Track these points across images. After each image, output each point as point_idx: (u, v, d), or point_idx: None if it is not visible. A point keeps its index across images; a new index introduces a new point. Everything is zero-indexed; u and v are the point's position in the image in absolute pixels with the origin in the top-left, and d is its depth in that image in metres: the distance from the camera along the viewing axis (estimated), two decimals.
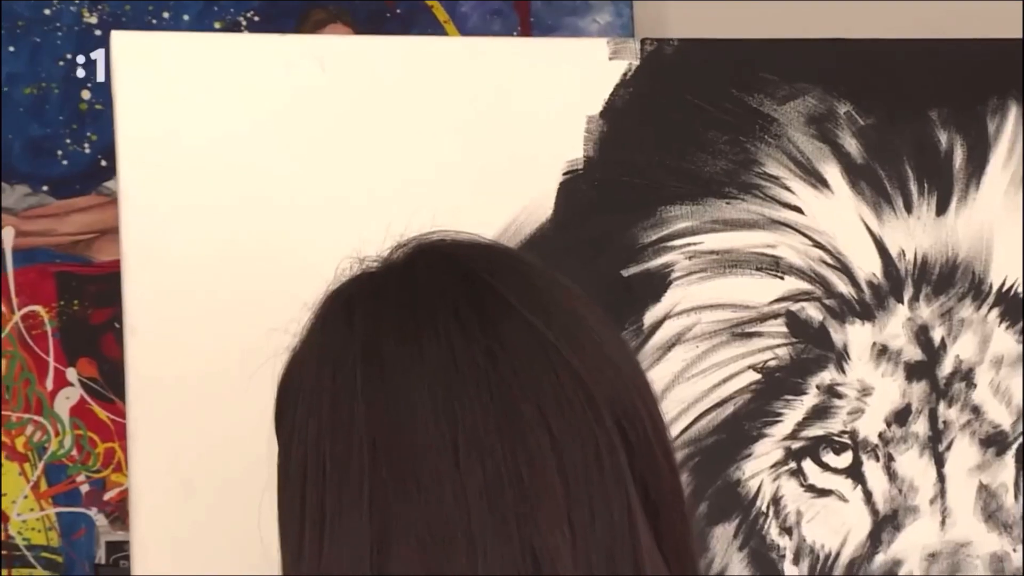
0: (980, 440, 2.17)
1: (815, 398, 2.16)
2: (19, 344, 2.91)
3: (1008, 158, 2.22)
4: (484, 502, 1.20)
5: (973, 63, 2.27)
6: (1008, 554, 2.16)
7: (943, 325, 2.19)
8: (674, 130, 2.21)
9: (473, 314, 1.29)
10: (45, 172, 2.97)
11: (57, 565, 2.89)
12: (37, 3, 2.97)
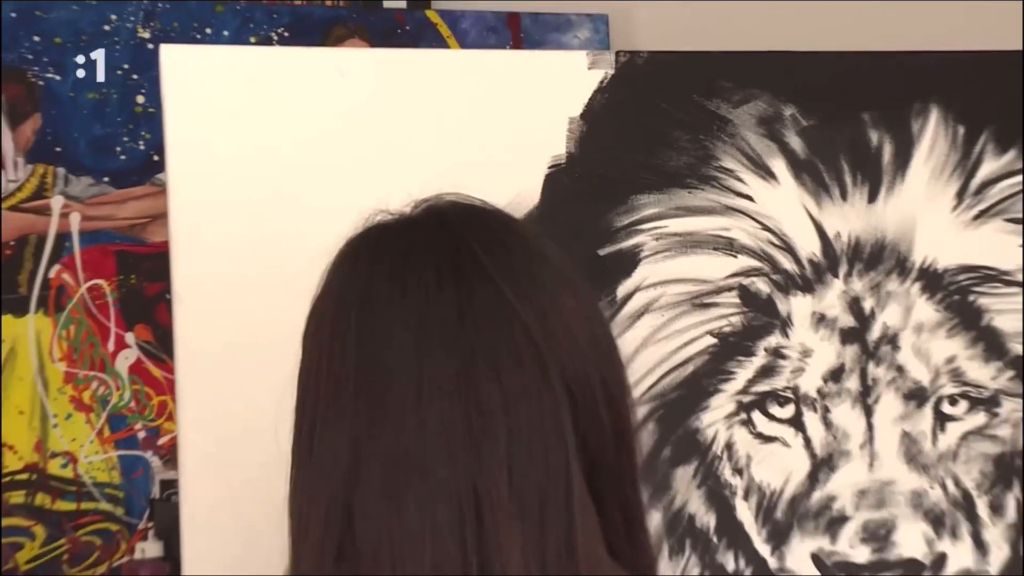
0: (903, 394, 2.15)
1: (763, 359, 2.14)
2: (85, 312, 2.88)
3: (929, 154, 2.20)
4: (439, 439, 1.23)
5: (900, 73, 2.25)
6: (926, 491, 2.13)
7: (872, 297, 2.17)
8: (644, 130, 2.19)
9: (452, 273, 1.30)
10: (106, 165, 2.93)
11: (118, 500, 2.85)
12: (98, 20, 2.92)
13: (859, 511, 2.12)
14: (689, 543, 2.11)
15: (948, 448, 2.16)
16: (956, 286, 2.19)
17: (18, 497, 2.84)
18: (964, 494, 2.14)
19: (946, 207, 2.21)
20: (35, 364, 2.88)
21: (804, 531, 2.12)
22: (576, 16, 3.10)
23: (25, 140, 2.91)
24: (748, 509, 2.13)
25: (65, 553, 2.83)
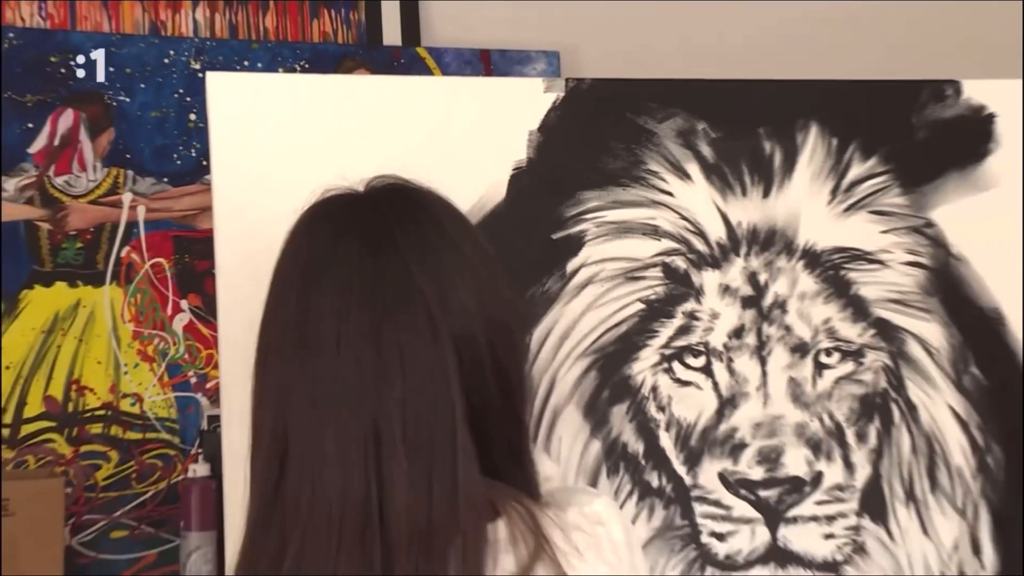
0: (790, 348, 2.16)
1: (681, 320, 2.15)
2: (148, 284, 2.89)
3: (809, 161, 2.22)
4: (350, 380, 1.26)
5: (787, 96, 2.26)
6: (807, 423, 2.14)
7: (766, 271, 2.17)
8: (587, 140, 2.19)
9: (372, 247, 1.33)
10: (165, 168, 2.93)
11: (175, 431, 2.87)
12: (159, 54, 2.94)
13: (755, 439, 2.12)
14: (622, 465, 2.10)
15: (824, 390, 2.16)
16: (831, 263, 2.20)
17: (97, 428, 2.85)
18: (836, 426, 2.15)
19: (823, 202, 2.22)
20: (109, 324, 2.87)
21: (712, 455, 2.12)
22: (534, 52, 3.11)
23: (102, 149, 2.91)
24: (669, 438, 2.12)
25: (133, 472, 2.84)
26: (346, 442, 1.24)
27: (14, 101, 2.86)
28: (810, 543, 2.13)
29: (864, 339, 2.19)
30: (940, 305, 2.22)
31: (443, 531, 1.23)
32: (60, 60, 2.91)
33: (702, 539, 2.11)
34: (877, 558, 2.14)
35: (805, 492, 2.13)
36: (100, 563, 2.81)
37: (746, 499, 2.12)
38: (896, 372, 2.19)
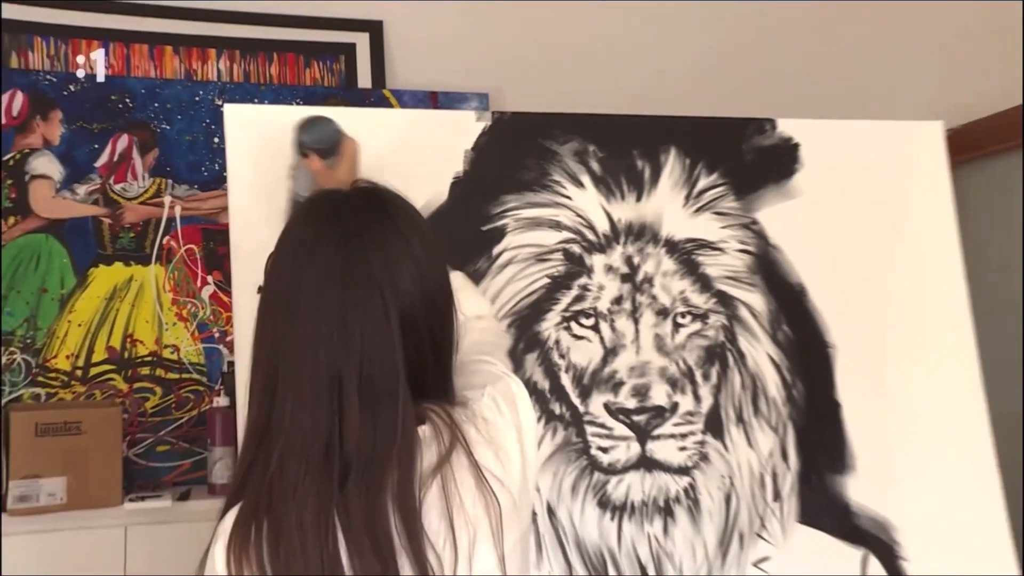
0: (655, 312, 2.13)
1: (576, 291, 2.11)
2: (183, 263, 2.85)
3: (670, 175, 2.20)
4: (323, 339, 1.24)
5: (654, 127, 2.23)
6: (667, 367, 2.11)
7: (639, 256, 2.14)
8: (509, 157, 2.15)
9: (344, 239, 1.29)
10: (196, 178, 2.88)
11: (203, 372, 2.83)
12: (191, 94, 2.91)
13: (630, 379, 2.08)
14: (534, 398, 2.02)
15: (680, 342, 2.13)
16: (685, 250, 2.17)
17: (145, 370, 2.82)
18: (688, 368, 2.12)
19: (679, 204, 2.19)
20: (154, 293, 2.83)
21: (599, 391, 2.08)
22: (469, 93, 3.06)
23: (149, 163, 2.88)
24: (568, 378, 2.09)
25: (173, 403, 2.82)
26: (317, 386, 1.24)
27: (84, 128, 2.83)
28: (669, 454, 2.09)
29: (708, 305, 2.17)
30: (762, 281, 2.21)
31: (383, 462, 1.22)
32: (118, 98, 2.87)
33: (591, 452, 2.07)
34: (716, 463, 2.11)
35: (666, 417, 2.09)
36: (149, 470, 2.79)
37: (623, 422, 2.08)
38: (731, 329, 2.17)
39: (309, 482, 1.20)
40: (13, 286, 2.74)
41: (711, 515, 2.10)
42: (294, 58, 3.04)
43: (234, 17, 2.99)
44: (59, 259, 2.78)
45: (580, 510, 2.06)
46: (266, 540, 1.19)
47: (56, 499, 2.44)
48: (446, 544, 1.23)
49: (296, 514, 1.19)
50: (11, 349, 2.72)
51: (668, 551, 2.07)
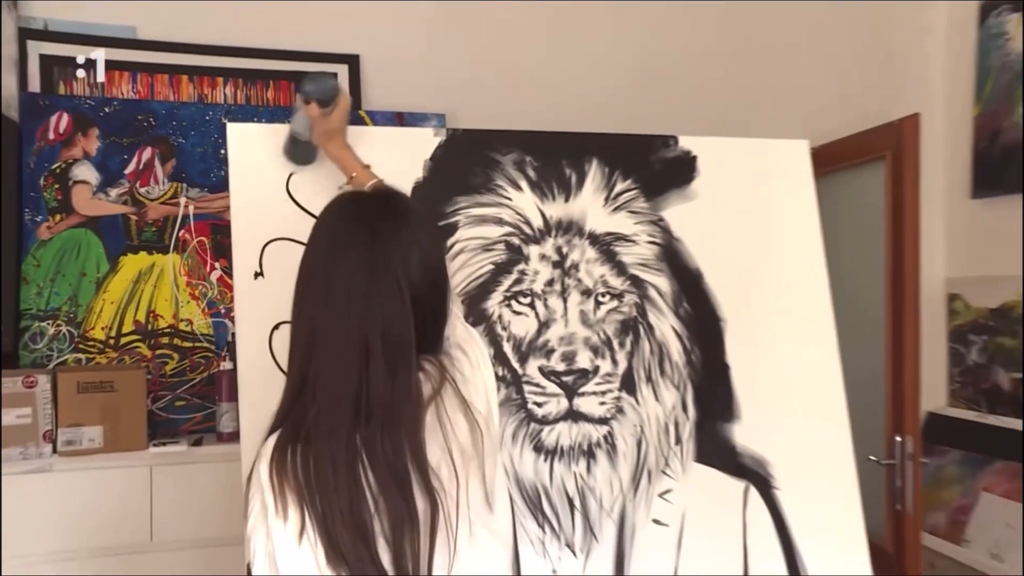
0: (581, 292, 2.07)
1: (516, 276, 2.04)
2: (196, 252, 2.81)
3: (592, 180, 2.12)
4: (354, 314, 1.26)
5: (579, 141, 2.16)
6: (590, 336, 2.05)
7: (567, 246, 2.08)
8: (461, 166, 2.07)
9: (369, 233, 1.31)
10: (206, 182, 2.84)
11: (212, 341, 2.81)
12: (202, 114, 2.87)
13: (560, 346, 2.02)
14: None
15: (600, 317, 2.06)
16: (605, 242, 2.10)
17: (165, 340, 2.80)
18: (607, 338, 2.06)
19: (600, 204, 2.12)
20: (172, 277, 2.81)
21: (535, 356, 2.02)
22: (430, 114, 3.03)
23: (168, 171, 2.84)
24: (509, 346, 2.02)
25: (187, 366, 2.79)
26: (348, 351, 1.26)
27: (116, 143, 2.81)
28: (591, 407, 2.04)
29: (624, 287, 2.10)
30: (667, 267, 2.14)
31: (400, 410, 1.26)
32: (144, 118, 2.83)
33: (528, 406, 2.01)
34: (629, 415, 2.06)
35: (589, 377, 2.04)
36: (168, 420, 2.78)
37: (554, 382, 2.02)
38: (642, 306, 2.11)
39: (340, 425, 1.24)
40: (59, 271, 2.74)
41: (625, 456, 2.05)
42: (287, 84, 2.98)
43: (238, 52, 2.95)
44: (95, 249, 2.76)
45: (519, 454, 2.00)
46: (300, 465, 1.23)
47: (95, 443, 2.49)
48: (445, 471, 1.29)
49: (330, 450, 1.23)
50: (58, 322, 2.73)
51: (591, 486, 2.02)
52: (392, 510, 1.23)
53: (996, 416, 3.27)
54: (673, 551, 2.03)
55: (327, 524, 1.21)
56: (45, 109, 2.72)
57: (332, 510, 1.21)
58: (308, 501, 1.21)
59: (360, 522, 1.22)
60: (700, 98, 3.28)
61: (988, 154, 3.30)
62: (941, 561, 3.09)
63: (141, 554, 2.45)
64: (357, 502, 1.22)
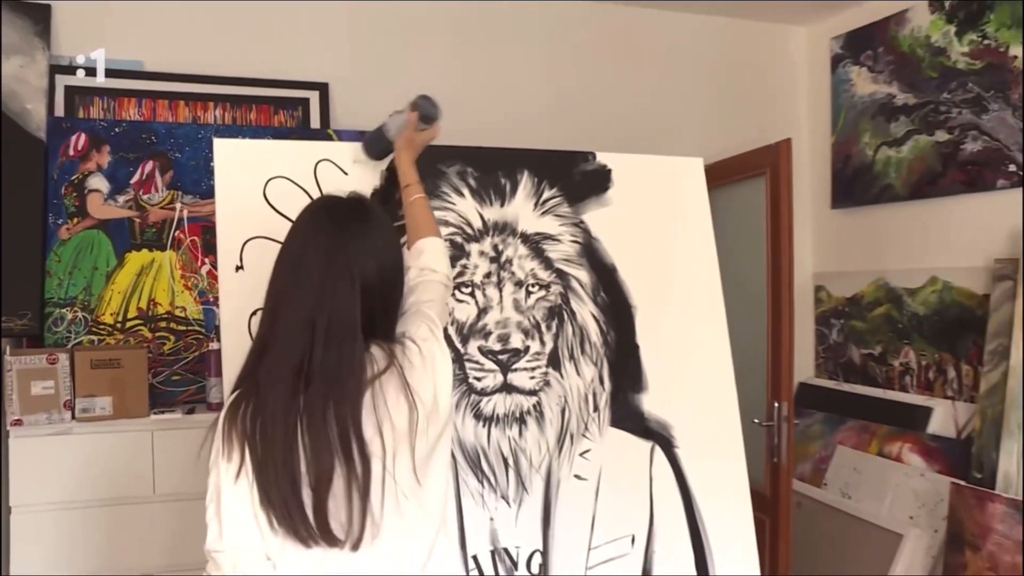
0: (514, 283, 1.94)
1: (459, 269, 1.90)
2: (188, 250, 2.64)
3: (524, 188, 1.98)
4: (309, 294, 1.21)
5: (513, 156, 2.04)
6: (522, 321, 1.93)
7: (503, 244, 1.94)
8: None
9: (335, 231, 1.26)
10: (198, 190, 2.68)
11: (203, 325, 2.66)
12: (195, 133, 2.70)
13: (496, 329, 1.90)
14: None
15: (531, 304, 1.94)
16: (534, 241, 1.97)
17: (163, 324, 2.65)
18: (536, 322, 1.94)
19: (530, 209, 1.99)
20: (168, 270, 2.65)
21: (474, 338, 1.89)
22: None
23: (166, 180, 2.67)
24: (453, 329, 1.89)
25: (182, 346, 2.67)
26: (299, 326, 1.19)
27: (123, 157, 2.66)
28: (522, 381, 1.92)
29: (550, 279, 1.98)
30: (587, 262, 2.02)
31: (342, 381, 1.18)
32: (147, 136, 2.66)
33: (469, 380, 1.88)
34: (555, 387, 1.94)
35: (520, 356, 1.92)
36: (166, 392, 2.65)
37: (491, 360, 1.90)
38: (566, 295, 1.98)
39: (282, 387, 1.16)
40: (76, 265, 2.61)
41: (551, 422, 1.95)
42: (267, 108, 2.83)
43: (226, 80, 2.80)
44: (105, 247, 2.62)
45: (461, 421, 1.88)
46: (249, 417, 1.16)
47: (106, 411, 2.41)
48: (378, 442, 1.19)
49: (273, 406, 1.16)
50: (75, 309, 2.60)
51: (522, 447, 1.92)
52: (318, 466, 1.15)
53: (850, 384, 3.27)
54: (591, 501, 1.94)
55: (262, 469, 1.15)
56: (67, 130, 2.60)
57: (267, 458, 1.15)
58: (249, 448, 1.15)
59: (291, 472, 1.14)
60: (615, 122, 3.19)
61: (843, 173, 3.34)
62: (806, 501, 3.06)
63: (145, 504, 2.39)
64: (290, 455, 1.15)
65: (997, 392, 2.50)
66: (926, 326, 2.93)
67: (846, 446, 3.08)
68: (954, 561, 2.41)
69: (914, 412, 2.90)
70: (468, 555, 1.86)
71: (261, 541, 1.15)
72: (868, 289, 3.19)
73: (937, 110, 2.88)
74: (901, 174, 3.02)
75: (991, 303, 2.60)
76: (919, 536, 2.61)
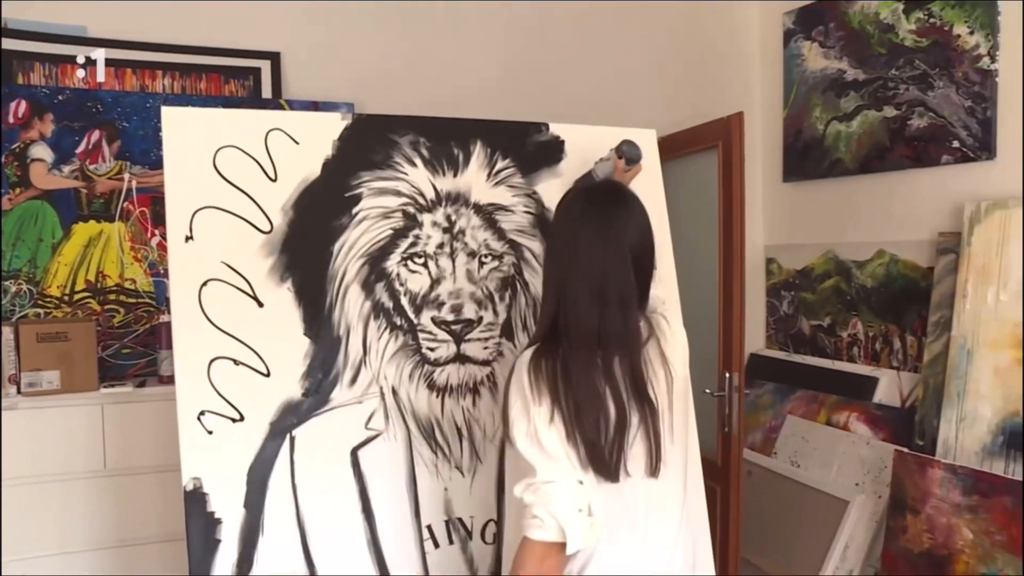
0: (467, 254, 1.94)
1: (411, 239, 1.89)
2: (138, 222, 2.59)
3: (477, 158, 1.97)
4: (593, 270, 1.38)
5: (467, 126, 2.01)
6: (476, 291, 1.94)
7: (455, 214, 1.93)
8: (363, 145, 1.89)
9: (603, 210, 1.42)
10: (147, 160, 2.61)
11: (153, 297, 2.62)
12: (144, 102, 2.63)
13: (449, 300, 1.89)
14: (382, 314, 1.86)
15: (484, 275, 1.94)
16: (487, 211, 1.96)
17: (113, 296, 2.61)
18: (489, 293, 1.94)
19: (483, 180, 1.97)
20: (117, 242, 2.60)
21: (428, 308, 1.88)
22: (340, 103, 2.81)
23: (113, 150, 2.60)
24: (406, 300, 1.87)
25: (132, 318, 2.63)
26: (590, 300, 1.37)
27: (68, 126, 2.57)
28: (476, 352, 1.93)
29: (504, 250, 1.97)
30: (539, 232, 2.02)
31: (627, 340, 1.39)
32: (92, 105, 2.59)
33: (423, 351, 1.88)
34: (507, 357, 1.95)
35: (474, 326, 1.92)
36: (116, 366, 2.61)
37: (445, 330, 1.90)
38: (519, 266, 1.99)
39: (584, 348, 1.36)
40: (20, 237, 2.54)
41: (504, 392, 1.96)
42: (218, 77, 2.76)
43: (175, 48, 2.72)
44: (51, 218, 2.55)
45: (415, 391, 1.88)
46: (556, 373, 1.36)
47: (53, 385, 2.36)
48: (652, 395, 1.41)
49: (576, 364, 1.36)
50: (19, 281, 2.53)
51: (476, 417, 1.93)
52: (617, 408, 1.37)
53: (799, 355, 3.32)
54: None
55: (571, 413, 1.34)
56: (5, 96, 2.50)
57: (576, 404, 1.34)
58: (560, 396, 1.35)
59: (594, 415, 1.35)
60: (568, 95, 3.18)
61: (794, 147, 3.37)
62: (756, 470, 3.12)
63: (96, 478, 2.36)
64: (593, 401, 1.35)
65: (939, 362, 2.57)
66: (873, 298, 3.00)
67: (795, 416, 3.14)
68: (895, 524, 2.48)
69: (861, 382, 2.97)
70: (422, 525, 1.87)
71: (575, 471, 1.34)
72: (818, 262, 3.24)
73: (886, 86, 2.92)
74: (851, 149, 3.07)
75: (935, 275, 2.67)
76: (864, 502, 2.69)
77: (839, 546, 2.66)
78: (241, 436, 1.73)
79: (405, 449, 1.87)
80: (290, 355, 1.79)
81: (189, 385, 1.72)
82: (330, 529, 1.78)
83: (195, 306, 1.74)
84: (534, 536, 1.33)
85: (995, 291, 2.44)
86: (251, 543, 1.72)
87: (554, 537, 1.31)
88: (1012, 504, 2.18)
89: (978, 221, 2.51)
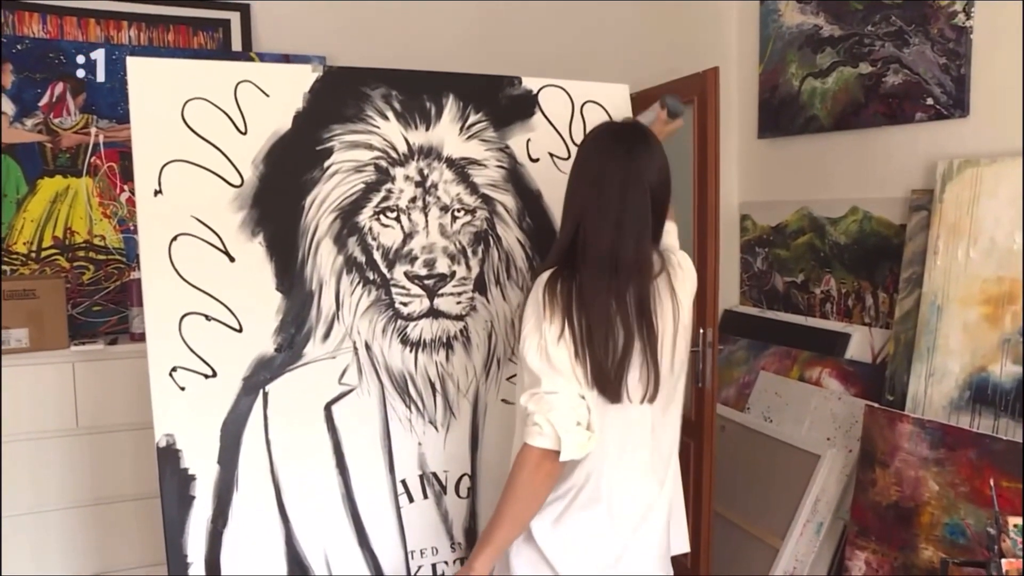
0: (439, 208, 1.94)
1: (384, 193, 1.88)
2: (106, 176, 2.54)
3: (449, 111, 1.97)
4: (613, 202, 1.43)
5: (438, 79, 2.00)
6: (448, 246, 1.95)
7: (428, 168, 1.92)
8: (335, 97, 1.87)
9: (627, 148, 1.46)
10: (114, 114, 2.54)
11: (123, 254, 2.57)
12: (109, 54, 2.56)
13: (422, 254, 1.90)
14: (355, 268, 1.86)
15: (456, 229, 1.95)
16: (460, 165, 1.96)
17: (82, 253, 2.56)
18: (462, 248, 1.95)
19: (455, 133, 1.97)
20: (85, 197, 2.55)
21: (400, 263, 1.89)
22: (312, 56, 2.75)
23: (79, 103, 2.53)
24: (379, 254, 1.88)
25: (102, 275, 2.60)
26: (608, 227, 1.42)
27: (29, 77, 2.50)
28: (449, 306, 1.94)
29: (476, 204, 1.98)
30: (512, 187, 2.03)
31: (639, 268, 1.44)
32: (55, 56, 2.52)
33: (396, 306, 1.89)
34: (481, 312, 1.98)
35: (447, 281, 1.93)
36: (87, 323, 2.59)
37: (417, 285, 1.91)
38: (491, 220, 2.00)
39: (599, 274, 1.41)
40: None
41: (478, 347, 1.98)
42: (186, 29, 2.69)
43: None
44: (15, 173, 2.49)
45: (388, 346, 1.89)
46: (570, 292, 1.41)
47: (22, 343, 2.33)
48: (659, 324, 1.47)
49: (590, 288, 1.41)
50: None
51: (449, 372, 1.95)
52: (625, 332, 1.42)
53: (773, 311, 3.36)
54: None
55: (582, 333, 1.40)
56: None
57: (588, 322, 1.40)
58: (572, 316, 1.40)
59: (603, 337, 1.40)
60: (542, 49, 3.15)
61: (769, 103, 3.36)
62: (730, 425, 3.16)
63: (69, 437, 2.35)
64: (604, 324, 1.40)
65: (910, 318, 2.61)
66: (846, 255, 3.03)
67: (768, 371, 3.18)
68: (864, 478, 2.54)
69: (833, 338, 3.01)
70: (396, 480, 1.89)
71: (579, 387, 1.40)
72: (792, 218, 3.26)
73: (861, 42, 2.93)
74: (826, 105, 3.08)
75: (907, 232, 2.70)
76: (835, 456, 2.74)
77: (810, 499, 2.72)
78: (214, 392, 1.74)
79: (379, 404, 1.89)
80: (262, 310, 1.79)
81: (160, 341, 1.72)
82: (304, 484, 1.80)
83: (165, 261, 1.74)
84: (532, 442, 1.38)
85: (966, 248, 2.48)
86: (226, 499, 1.74)
87: (551, 445, 1.37)
88: (976, 457, 2.24)
89: (950, 178, 2.54)
